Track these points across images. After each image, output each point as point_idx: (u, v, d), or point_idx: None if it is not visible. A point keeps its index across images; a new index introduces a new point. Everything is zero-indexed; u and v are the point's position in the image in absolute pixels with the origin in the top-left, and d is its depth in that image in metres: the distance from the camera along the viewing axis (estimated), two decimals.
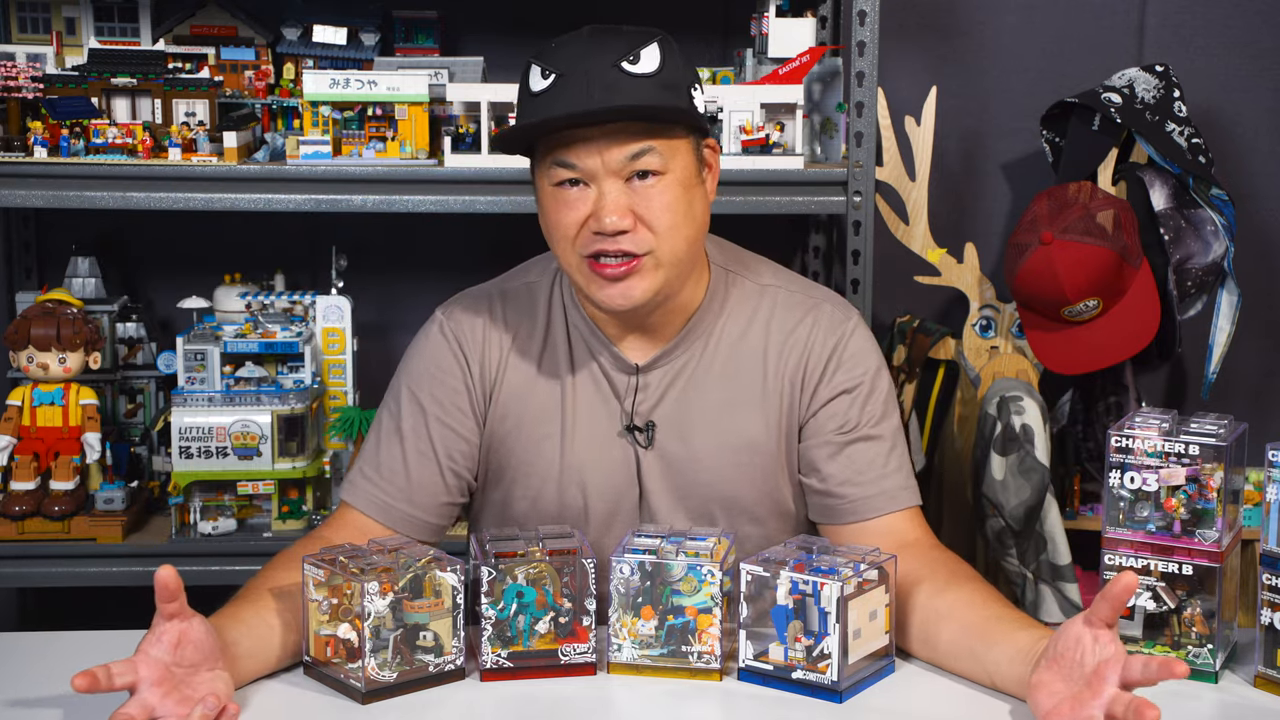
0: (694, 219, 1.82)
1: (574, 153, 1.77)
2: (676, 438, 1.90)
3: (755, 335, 1.92)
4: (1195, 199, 2.82)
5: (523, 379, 1.92)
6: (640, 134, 1.76)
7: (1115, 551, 1.72)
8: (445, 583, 1.64)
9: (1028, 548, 2.69)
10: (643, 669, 1.68)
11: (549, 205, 1.81)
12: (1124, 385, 2.91)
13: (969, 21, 3.11)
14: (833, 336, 1.92)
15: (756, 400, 1.91)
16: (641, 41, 1.76)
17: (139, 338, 2.95)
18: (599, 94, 1.73)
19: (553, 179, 1.80)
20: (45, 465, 2.70)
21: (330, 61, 2.89)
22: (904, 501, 1.88)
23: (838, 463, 1.89)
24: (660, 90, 1.76)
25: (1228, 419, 1.74)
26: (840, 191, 2.67)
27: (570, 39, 1.79)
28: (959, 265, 2.90)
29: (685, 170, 1.80)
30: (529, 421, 1.92)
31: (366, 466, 1.92)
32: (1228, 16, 3.11)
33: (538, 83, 1.78)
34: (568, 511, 1.91)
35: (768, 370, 1.91)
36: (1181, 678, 1.47)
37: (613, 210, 1.76)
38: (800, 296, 1.95)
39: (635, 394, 1.90)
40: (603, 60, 1.75)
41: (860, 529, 1.87)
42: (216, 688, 1.54)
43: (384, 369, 3.09)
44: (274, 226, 3.03)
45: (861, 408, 1.90)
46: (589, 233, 1.78)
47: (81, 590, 2.89)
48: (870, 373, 1.92)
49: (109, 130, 2.63)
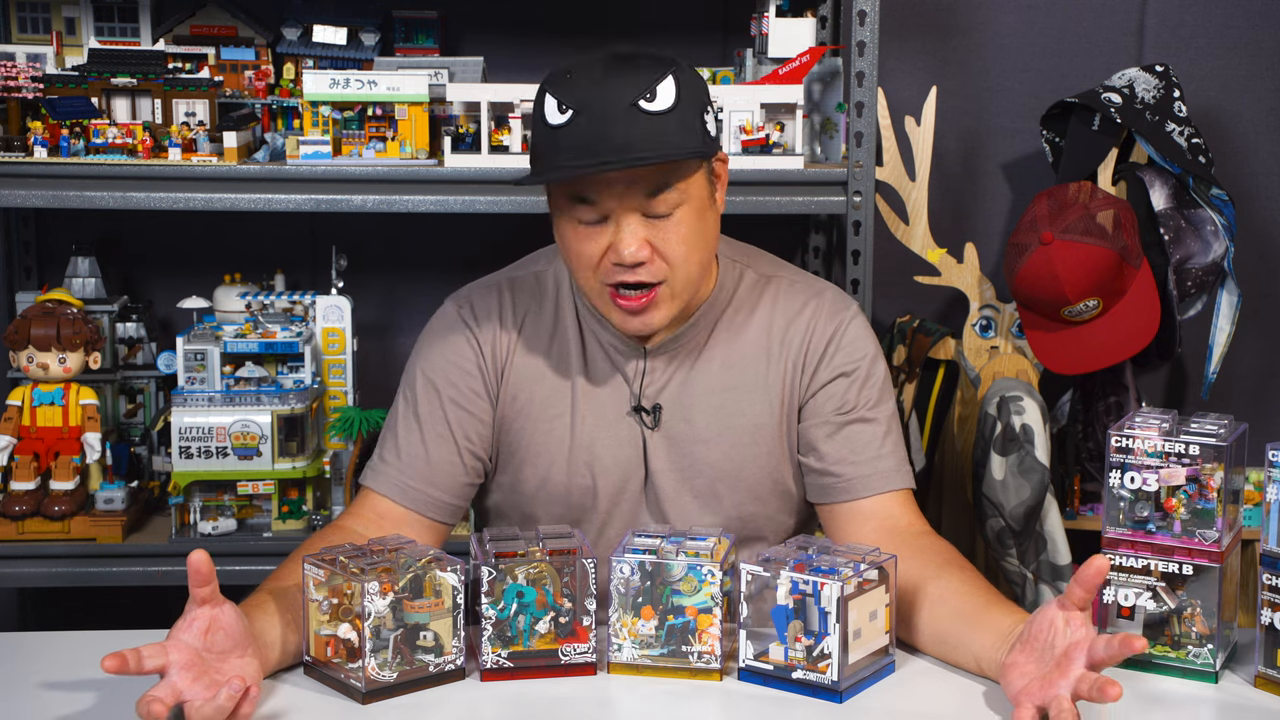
0: (707, 242, 1.87)
1: (593, 192, 1.80)
2: (682, 420, 1.94)
3: (759, 321, 1.97)
4: (1195, 199, 2.82)
5: (533, 362, 1.96)
6: (657, 173, 1.79)
7: (1115, 551, 1.72)
8: (445, 583, 1.64)
9: (1028, 548, 2.69)
10: (643, 669, 1.68)
11: (569, 237, 1.85)
12: (1124, 385, 2.91)
13: (969, 21, 3.11)
14: (833, 322, 1.97)
15: (760, 383, 1.95)
16: (657, 75, 1.77)
17: (139, 338, 2.95)
18: (617, 137, 1.75)
19: (572, 215, 1.83)
20: (45, 465, 2.70)
21: (330, 61, 2.89)
22: (897, 483, 1.93)
23: (835, 442, 1.93)
24: (677, 128, 1.78)
25: (1228, 419, 1.74)
26: (840, 191, 2.67)
27: (586, 68, 1.79)
28: (959, 265, 2.90)
29: (699, 197, 1.84)
30: (539, 403, 1.95)
31: (386, 452, 1.96)
32: (1228, 16, 3.11)
33: (554, 116, 1.78)
34: (575, 491, 1.95)
35: (770, 354, 1.96)
36: (1141, 651, 1.50)
37: (630, 243, 1.80)
38: (802, 285, 2.01)
39: (643, 376, 1.94)
40: (620, 98, 1.75)
41: (853, 508, 1.91)
42: (246, 672, 1.56)
43: (384, 369, 3.11)
44: (274, 226, 3.03)
45: (859, 390, 1.95)
46: (609, 264, 1.82)
47: (81, 590, 2.89)
48: (868, 358, 1.97)
49: (109, 130, 2.63)
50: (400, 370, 2.04)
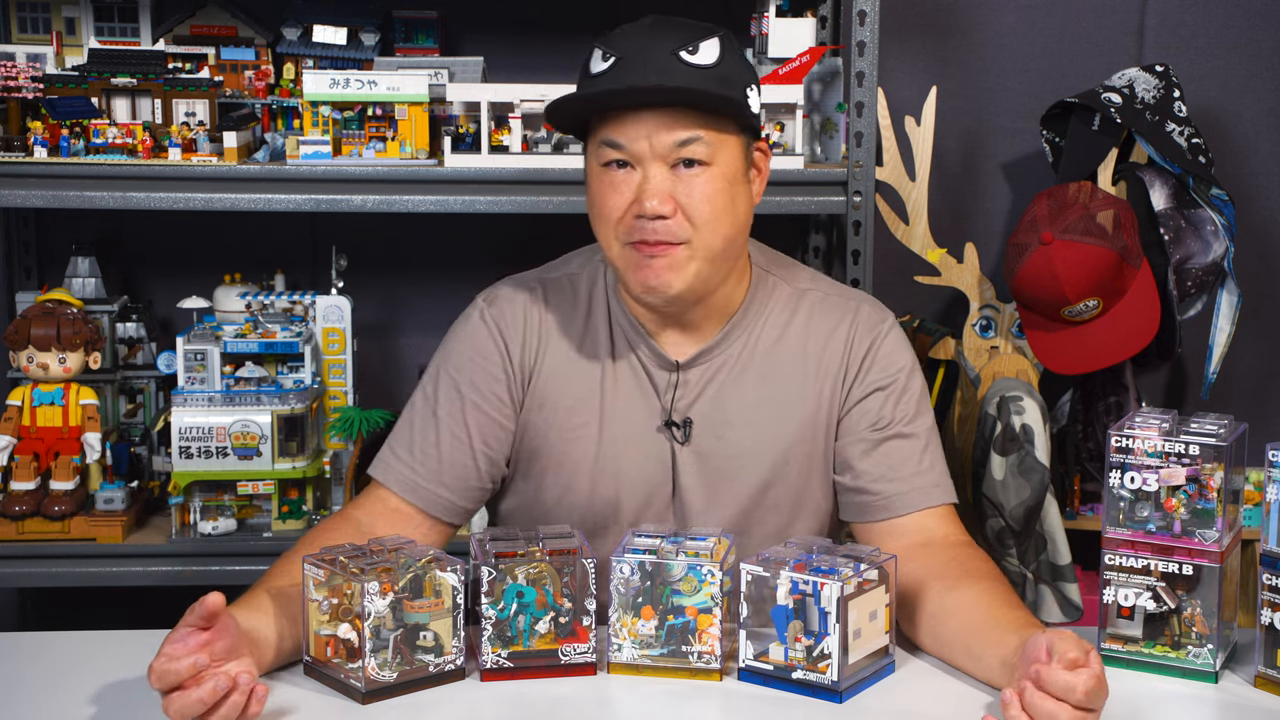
0: (735, 216, 1.84)
1: (623, 132, 1.79)
2: (713, 435, 1.92)
3: (794, 336, 1.94)
4: (1195, 199, 2.82)
5: (561, 368, 1.93)
6: (690, 121, 1.78)
7: (1115, 551, 1.72)
8: (445, 583, 1.64)
9: (1028, 548, 2.69)
10: (643, 669, 1.68)
11: (595, 187, 1.84)
12: (1124, 385, 2.91)
13: (969, 21, 3.12)
14: (869, 336, 1.95)
15: (794, 400, 1.93)
16: (703, 34, 1.80)
17: (139, 338, 2.95)
18: (654, 77, 1.76)
19: (601, 159, 1.82)
20: (45, 465, 2.70)
21: (330, 61, 2.89)
22: (938, 498, 1.90)
23: (872, 459, 1.91)
24: (716, 83, 1.79)
25: (1228, 419, 1.74)
26: (840, 191, 2.67)
27: (634, 26, 1.83)
28: (959, 265, 2.90)
29: (731, 165, 1.82)
30: (564, 411, 1.92)
31: (399, 447, 1.93)
32: (1228, 16, 3.11)
33: (597, 64, 1.81)
34: (598, 504, 1.92)
35: (806, 370, 1.93)
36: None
37: (655, 194, 1.78)
38: (838, 299, 1.98)
39: (675, 390, 1.92)
40: (662, 47, 1.78)
41: (893, 525, 1.89)
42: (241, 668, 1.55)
43: (384, 369, 3.11)
44: (274, 226, 3.03)
45: (895, 405, 1.92)
46: (631, 218, 1.80)
47: (81, 590, 2.89)
48: (905, 371, 1.94)
49: (109, 130, 2.63)
50: (400, 370, 2.04)
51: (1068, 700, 1.48)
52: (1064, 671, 1.48)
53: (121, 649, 1.74)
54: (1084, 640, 1.53)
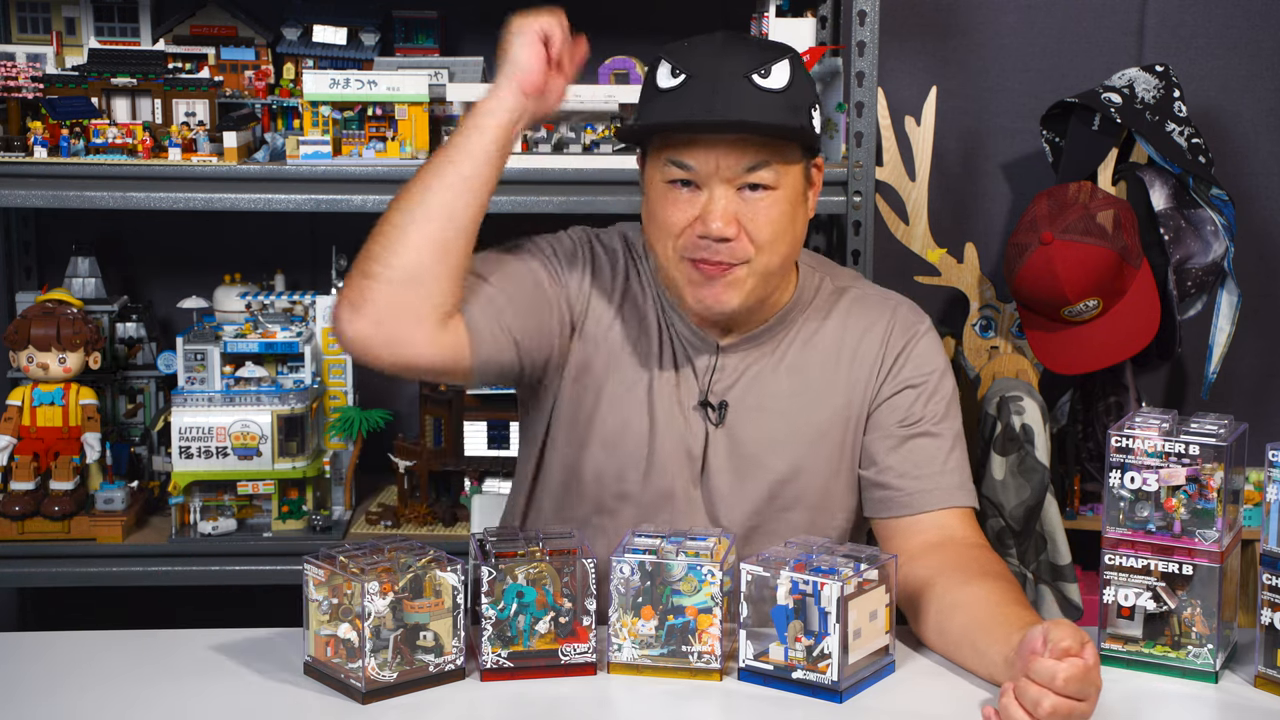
0: (794, 236, 1.87)
1: (692, 155, 1.80)
2: (747, 420, 1.93)
3: (832, 330, 1.96)
4: (1195, 199, 2.82)
5: (618, 327, 1.94)
6: (759, 148, 1.79)
7: (1115, 551, 1.72)
8: (445, 583, 1.64)
9: (1028, 548, 2.69)
10: (643, 669, 1.68)
11: (657, 200, 1.85)
12: (1124, 385, 2.91)
13: (969, 21, 3.11)
14: (905, 335, 1.96)
15: (827, 392, 1.94)
16: (774, 56, 1.80)
17: (139, 338, 2.95)
18: (726, 104, 1.77)
19: (666, 175, 1.83)
20: (45, 465, 2.70)
21: (330, 61, 2.89)
22: (959, 500, 1.91)
23: (898, 455, 1.92)
24: (785, 109, 1.80)
25: (1228, 419, 1.74)
26: (840, 191, 2.67)
27: (704, 41, 1.83)
28: (959, 265, 2.90)
29: (794, 188, 1.84)
30: (610, 384, 1.93)
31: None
32: (1228, 16, 3.11)
33: (666, 80, 1.81)
34: (628, 480, 1.92)
35: (841, 363, 1.95)
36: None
37: (720, 217, 1.79)
38: (877, 298, 2.01)
39: (713, 373, 1.93)
40: (734, 69, 1.78)
41: (912, 522, 1.90)
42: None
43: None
44: (274, 226, 3.03)
45: (925, 404, 1.93)
46: (692, 235, 1.81)
47: (81, 590, 2.89)
48: (937, 372, 1.96)
49: (109, 130, 2.63)
50: None
51: (1049, 688, 1.49)
52: (1049, 660, 1.50)
53: (121, 649, 1.74)
54: (1081, 630, 1.54)
